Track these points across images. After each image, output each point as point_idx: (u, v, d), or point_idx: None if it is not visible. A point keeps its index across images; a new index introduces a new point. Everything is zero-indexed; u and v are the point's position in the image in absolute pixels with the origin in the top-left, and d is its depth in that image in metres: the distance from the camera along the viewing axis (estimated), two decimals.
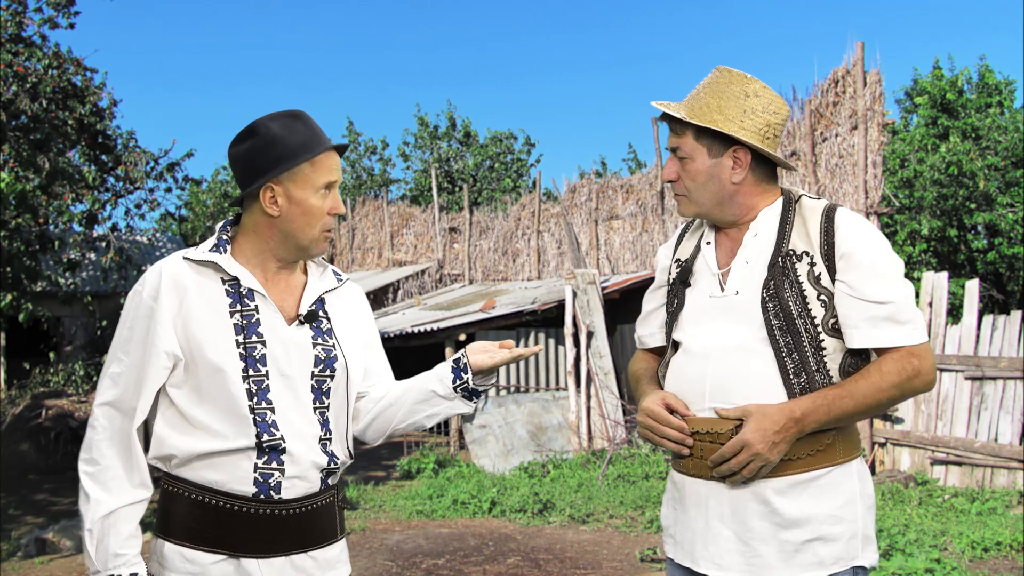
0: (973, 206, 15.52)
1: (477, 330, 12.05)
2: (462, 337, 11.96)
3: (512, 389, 12.00)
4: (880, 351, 2.00)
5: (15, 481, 10.51)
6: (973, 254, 16.24)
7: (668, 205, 13.17)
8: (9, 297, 8.79)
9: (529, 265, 15.79)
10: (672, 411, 2.07)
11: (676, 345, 2.17)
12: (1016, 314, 8.34)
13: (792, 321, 2.00)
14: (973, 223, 15.83)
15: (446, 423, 12.35)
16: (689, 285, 2.17)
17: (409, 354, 14.03)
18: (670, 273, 2.25)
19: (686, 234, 2.29)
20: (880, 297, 1.98)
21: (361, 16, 55.72)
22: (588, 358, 11.01)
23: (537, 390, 11.99)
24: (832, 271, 2.01)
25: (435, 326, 11.94)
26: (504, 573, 6.13)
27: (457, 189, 24.47)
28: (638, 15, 56.44)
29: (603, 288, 11.82)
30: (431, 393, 2.11)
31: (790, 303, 2.00)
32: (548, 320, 12.27)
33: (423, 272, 17.31)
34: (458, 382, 2.09)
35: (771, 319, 2.01)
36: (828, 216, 2.06)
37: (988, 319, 8.49)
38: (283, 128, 1.96)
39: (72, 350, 18.07)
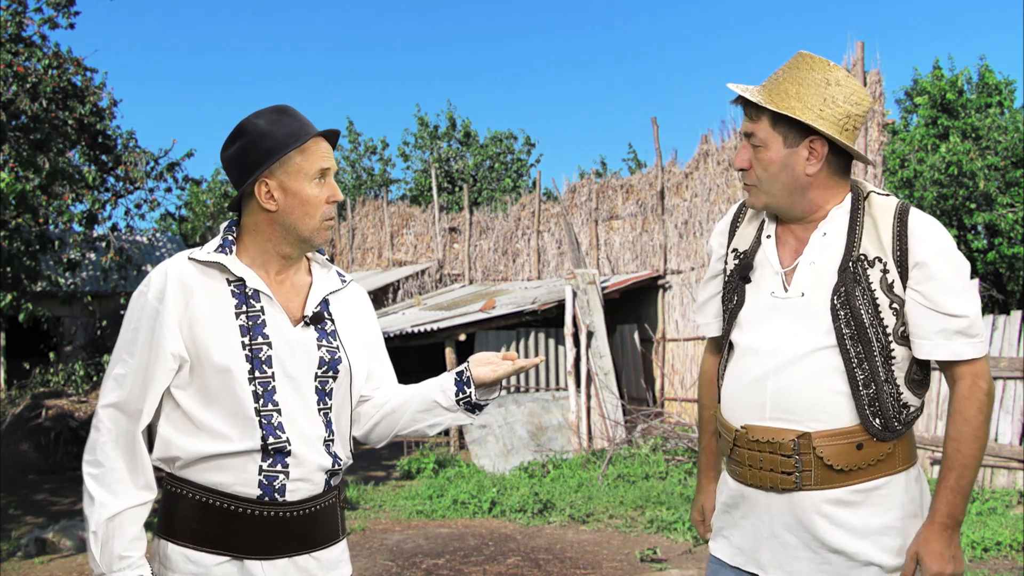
0: (973, 206, 15.52)
1: (477, 330, 12.05)
2: (462, 337, 11.96)
3: (512, 389, 12.00)
4: (945, 364, 1.99)
5: (15, 481, 10.51)
6: (973, 254, 16.23)
7: (668, 205, 13.17)
8: (9, 297, 8.79)
9: (529, 265, 15.79)
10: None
11: (733, 344, 2.10)
12: (1016, 314, 8.34)
13: (864, 330, 1.93)
14: (973, 223, 15.82)
15: None
16: (749, 281, 2.07)
17: (409, 354, 14.03)
18: (726, 263, 2.16)
19: (740, 220, 2.18)
20: (957, 311, 1.94)
21: (361, 16, 55.74)
22: (588, 358, 11.01)
23: (537, 390, 11.99)
24: (904, 278, 1.95)
25: (435, 326, 11.94)
26: (504, 573, 6.13)
27: (457, 189, 24.46)
28: (638, 15, 56.48)
29: (603, 288, 11.82)
30: (434, 403, 2.10)
31: (862, 311, 1.93)
32: (548, 320, 12.27)
33: (423, 272, 17.31)
34: (461, 396, 2.08)
35: (842, 327, 1.94)
36: (901, 219, 1.97)
37: (988, 319, 8.48)
38: (269, 122, 1.95)
39: (72, 350, 18.07)
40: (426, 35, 55.39)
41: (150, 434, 1.95)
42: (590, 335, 11.03)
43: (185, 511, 1.91)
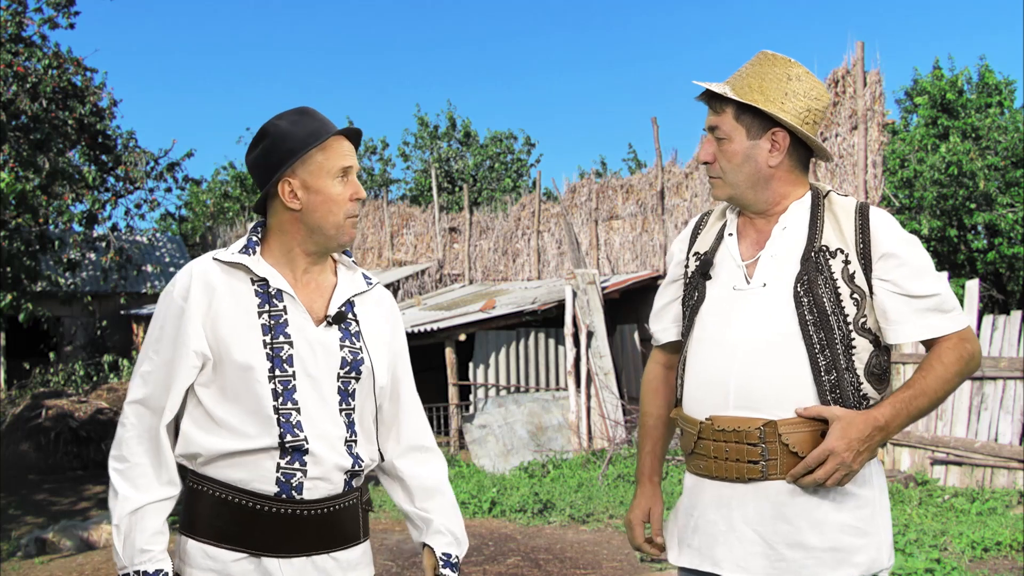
0: (973, 206, 15.52)
1: (477, 330, 12.05)
2: (462, 337, 11.96)
3: (512, 389, 12.00)
4: (929, 343, 2.01)
5: (15, 481, 10.51)
6: (973, 254, 16.24)
7: (668, 205, 13.17)
8: (9, 297, 8.79)
9: (529, 265, 15.79)
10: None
11: (694, 340, 2.11)
12: (1016, 314, 8.34)
13: (826, 317, 1.96)
14: (973, 223, 15.83)
15: (446, 423, 12.35)
16: (710, 277, 2.11)
17: (409, 354, 14.03)
18: (687, 266, 2.19)
19: (702, 227, 2.23)
20: (926, 291, 1.99)
21: (361, 16, 55.74)
22: (588, 358, 11.02)
23: (537, 390, 11.99)
24: (867, 270, 1.99)
25: (435, 326, 11.94)
26: (504, 573, 6.13)
27: (457, 189, 24.45)
28: (638, 15, 56.48)
29: (603, 288, 11.82)
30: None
31: (824, 299, 1.97)
32: (548, 320, 12.27)
33: (423, 272, 17.31)
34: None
35: (805, 314, 1.97)
36: (863, 215, 2.04)
37: (988, 319, 8.48)
38: (291, 123, 1.99)
39: (72, 350, 18.08)
40: (426, 35, 55.43)
41: (177, 431, 1.97)
42: (590, 335, 11.03)
43: (205, 507, 1.93)
